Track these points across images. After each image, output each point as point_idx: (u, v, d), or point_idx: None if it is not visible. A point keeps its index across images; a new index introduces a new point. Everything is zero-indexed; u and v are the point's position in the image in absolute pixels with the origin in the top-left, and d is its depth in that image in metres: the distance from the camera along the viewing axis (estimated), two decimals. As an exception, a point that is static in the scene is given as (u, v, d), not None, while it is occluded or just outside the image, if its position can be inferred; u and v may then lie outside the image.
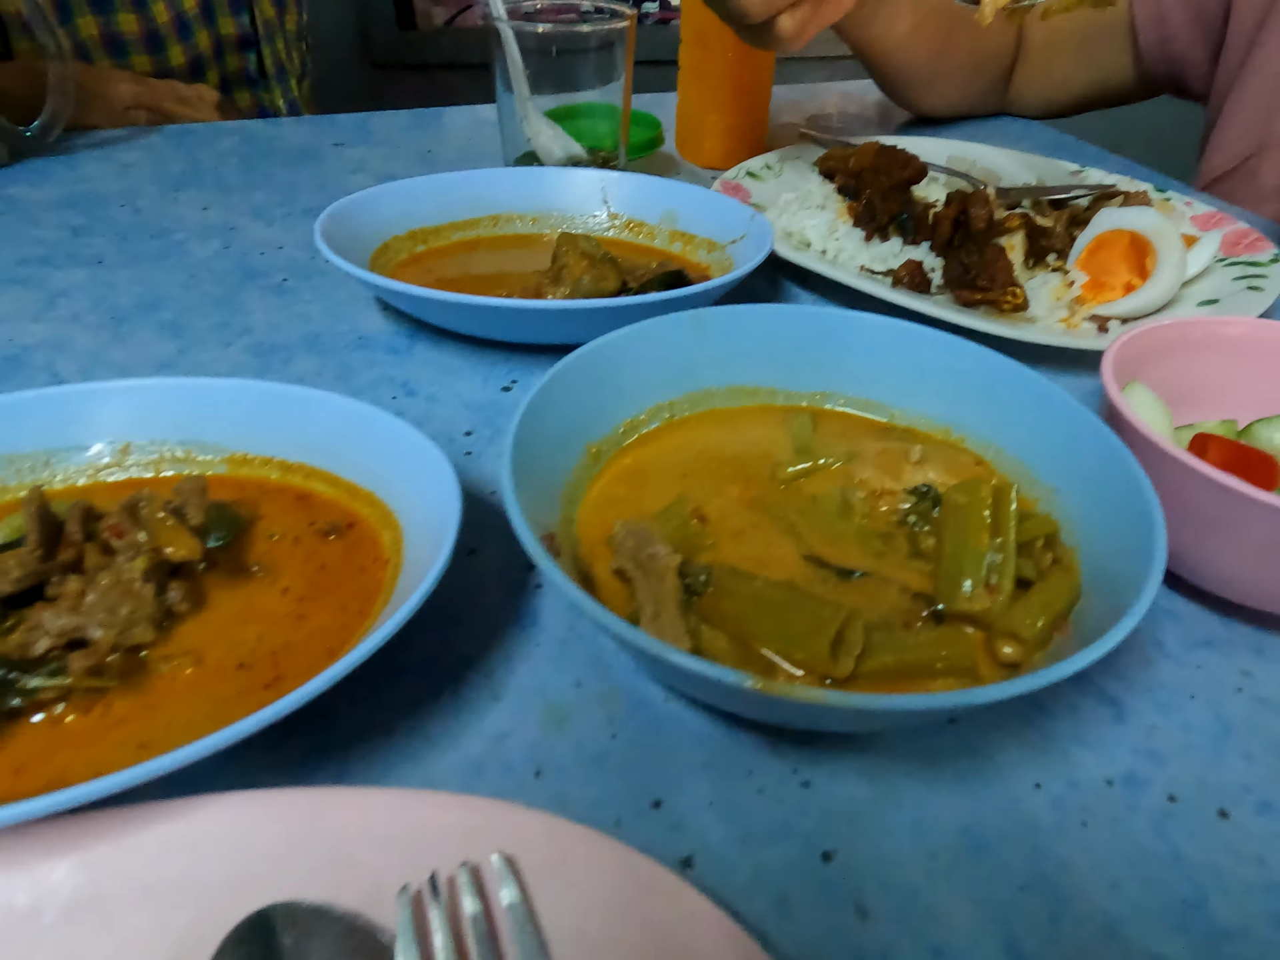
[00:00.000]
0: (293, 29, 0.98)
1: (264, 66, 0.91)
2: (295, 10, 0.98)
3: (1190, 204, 0.55)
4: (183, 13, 0.82)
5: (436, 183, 0.50)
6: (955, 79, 0.72)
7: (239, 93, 0.92)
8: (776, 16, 0.48)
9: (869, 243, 0.49)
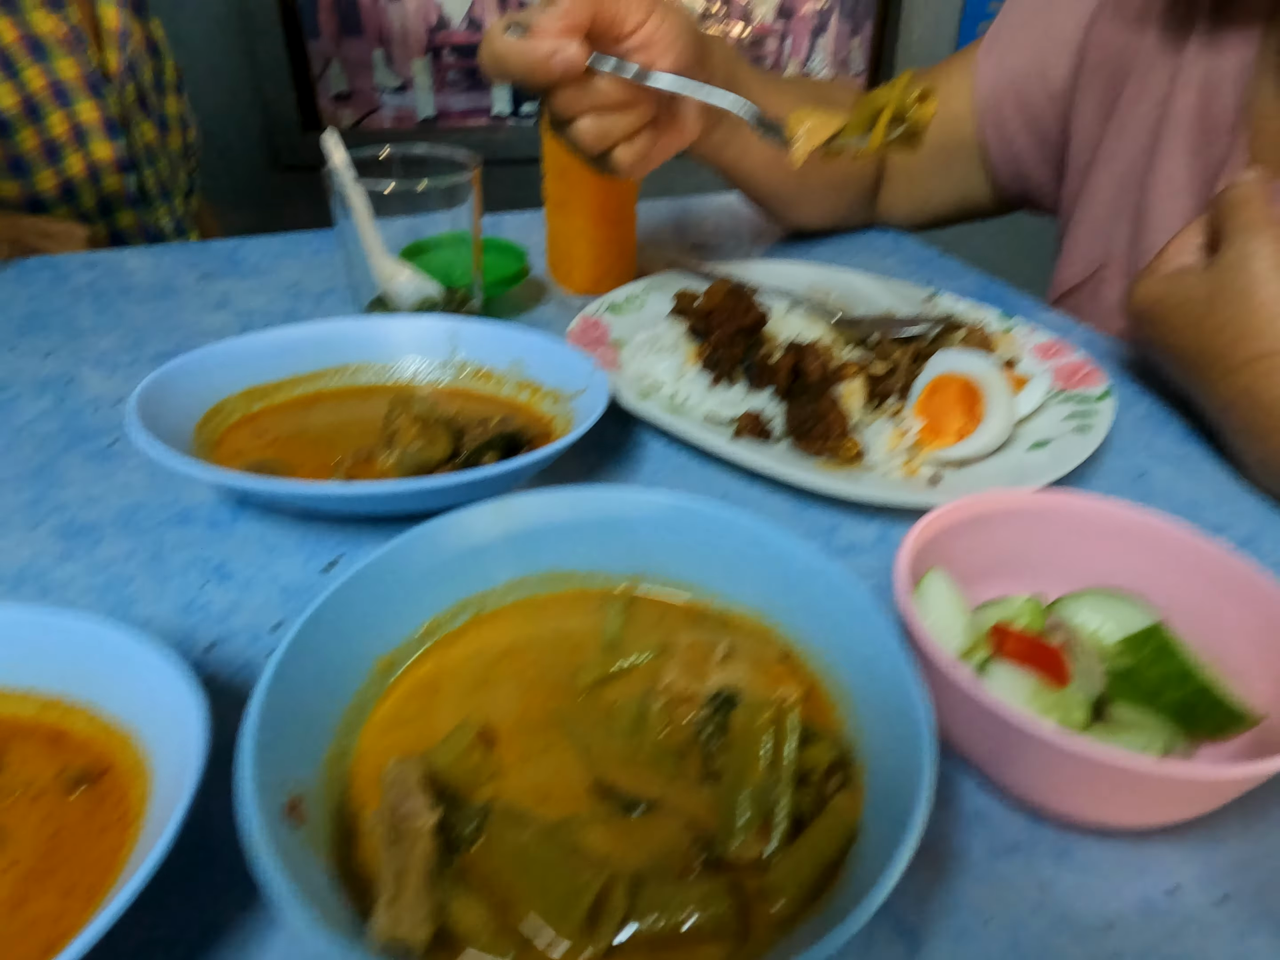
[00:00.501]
0: (177, 148, 0.97)
1: (145, 188, 0.90)
2: (180, 129, 0.98)
3: (1034, 331, 0.56)
4: (51, 139, 0.81)
5: (275, 338, 0.49)
6: (821, 199, 0.75)
7: (121, 213, 0.90)
8: (613, 148, 0.49)
9: (715, 388, 0.49)
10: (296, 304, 0.65)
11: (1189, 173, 0.58)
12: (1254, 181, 0.46)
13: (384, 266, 0.54)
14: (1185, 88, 0.58)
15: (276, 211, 1.55)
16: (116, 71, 0.86)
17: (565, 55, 0.44)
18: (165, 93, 0.96)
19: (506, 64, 0.46)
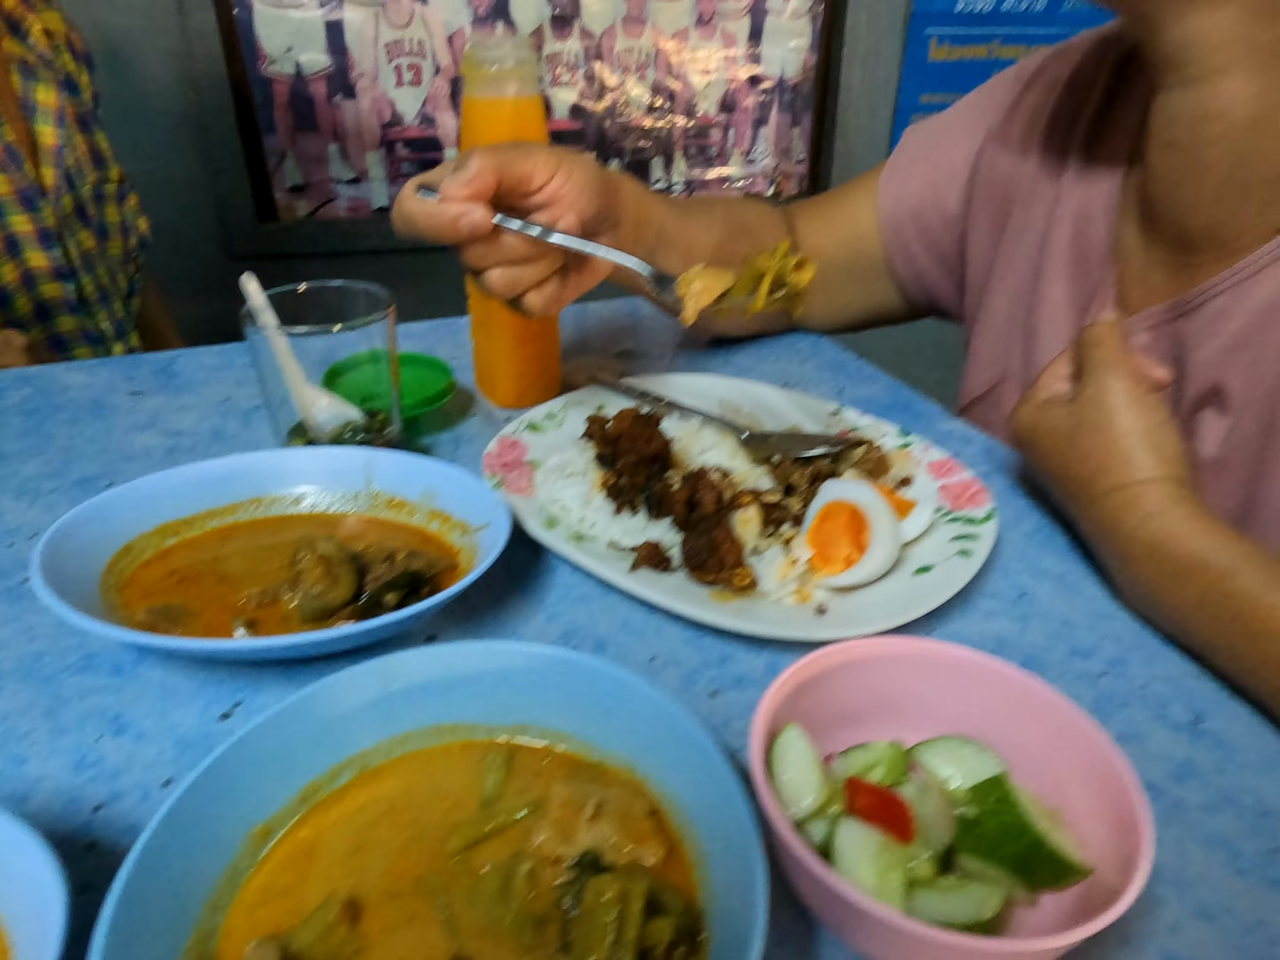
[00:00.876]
0: (117, 254, 1.00)
1: (84, 294, 0.92)
2: (120, 236, 1.00)
3: (928, 449, 0.59)
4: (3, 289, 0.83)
5: (189, 474, 0.50)
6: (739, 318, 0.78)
7: (60, 318, 0.92)
8: (524, 295, 0.52)
9: (618, 515, 0.51)
10: (224, 422, 0.66)
11: (1068, 298, 0.62)
12: (1110, 322, 0.50)
13: (304, 395, 0.56)
14: (1062, 218, 0.62)
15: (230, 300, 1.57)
16: (51, 185, 0.88)
17: (471, 219, 0.47)
18: (105, 202, 0.98)
19: (416, 225, 0.48)
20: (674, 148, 1.77)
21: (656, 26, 1.64)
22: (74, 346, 0.95)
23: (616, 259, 0.50)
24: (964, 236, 0.72)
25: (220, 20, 1.37)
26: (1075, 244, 0.61)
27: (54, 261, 0.89)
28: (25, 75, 0.88)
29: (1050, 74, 0.65)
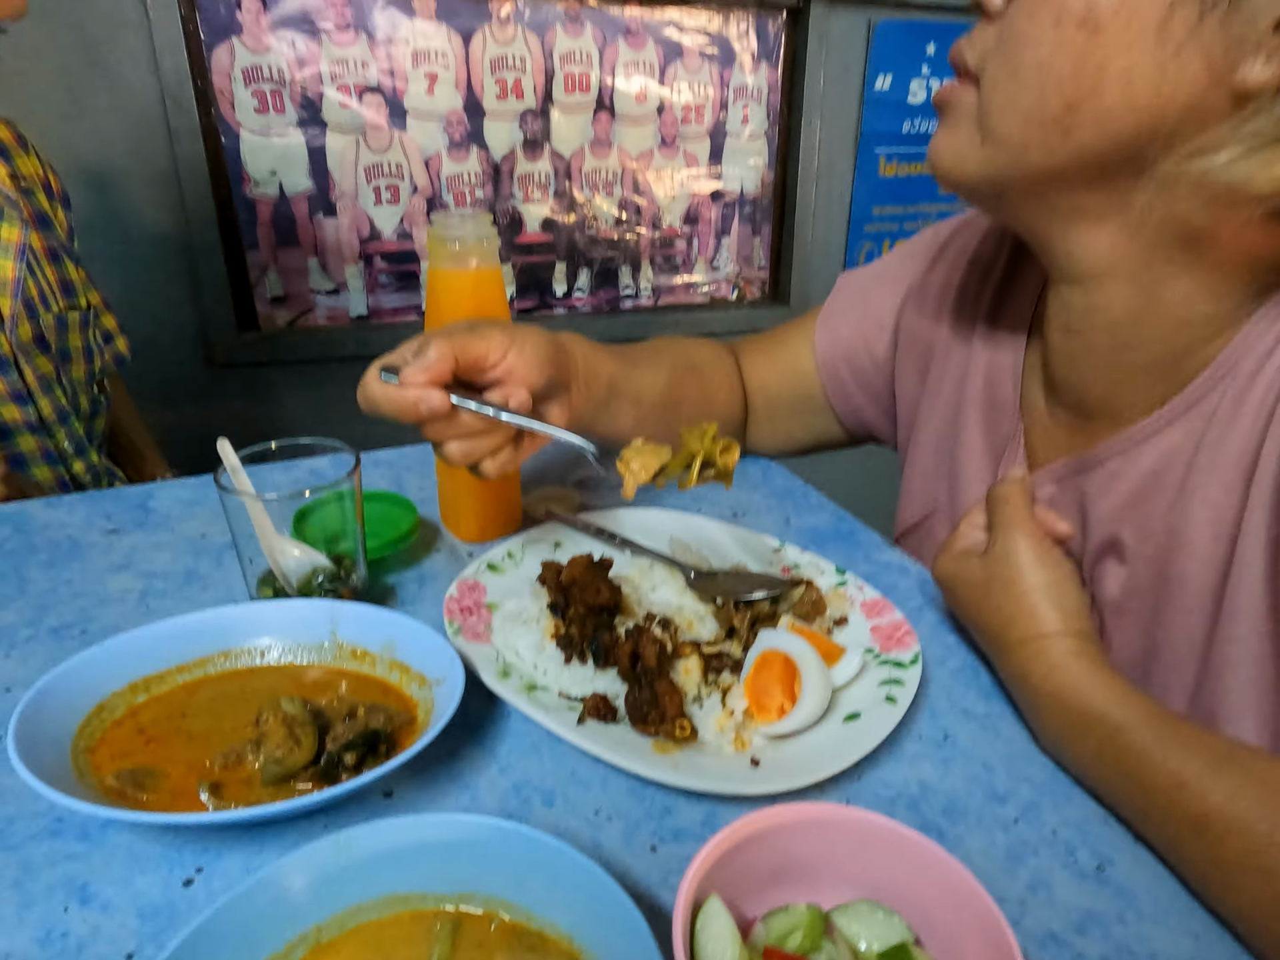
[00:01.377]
0: (80, 376, 1.04)
1: (42, 415, 0.96)
2: (84, 360, 1.04)
3: (862, 588, 0.63)
4: None
5: (160, 631, 0.53)
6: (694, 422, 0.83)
7: (20, 438, 0.95)
8: (479, 463, 0.56)
9: (569, 665, 0.55)
10: (197, 562, 0.69)
11: (984, 445, 0.67)
12: (1017, 480, 0.55)
13: (274, 546, 0.59)
14: (975, 373, 0.68)
15: (209, 407, 1.62)
16: (8, 315, 0.93)
17: (429, 404, 0.51)
18: (69, 328, 1.03)
19: (380, 407, 0.53)
20: (641, 257, 1.86)
21: (622, 148, 1.75)
22: (34, 465, 0.99)
23: (563, 438, 0.55)
24: (893, 378, 0.77)
25: (208, 148, 1.45)
26: (988, 396, 0.67)
27: (11, 386, 0.94)
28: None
29: (958, 245, 0.72)
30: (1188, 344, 0.51)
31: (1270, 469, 0.46)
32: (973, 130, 0.51)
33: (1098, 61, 0.44)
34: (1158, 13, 0.42)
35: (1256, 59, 0.41)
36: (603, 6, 1.63)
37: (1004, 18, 0.49)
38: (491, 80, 1.61)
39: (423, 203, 1.65)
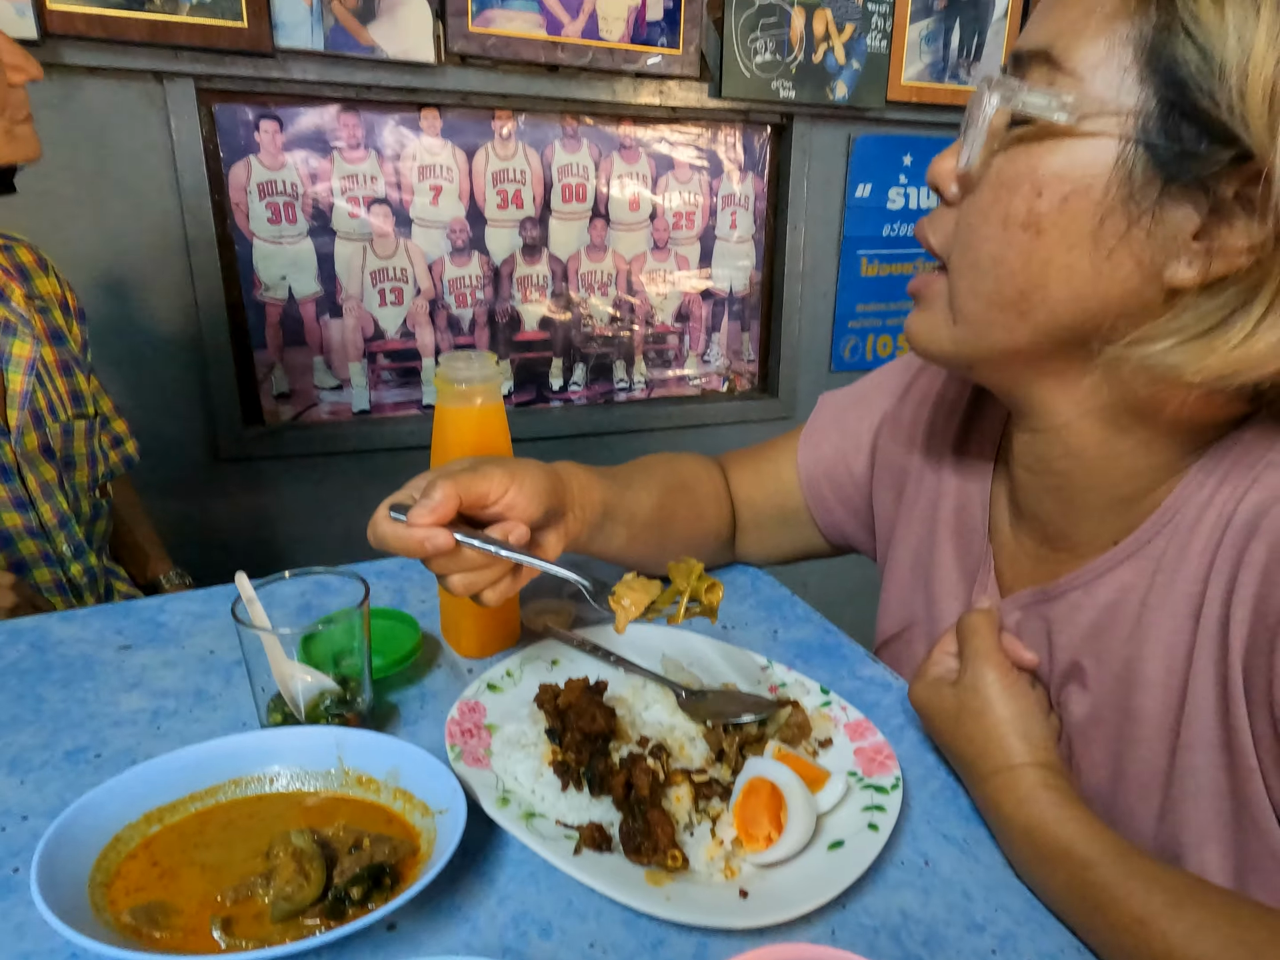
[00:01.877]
0: (84, 481, 1.08)
1: (43, 521, 0.99)
2: (88, 465, 1.08)
3: (846, 709, 0.66)
4: None
5: (172, 761, 0.56)
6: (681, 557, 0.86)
7: (21, 543, 0.98)
8: (480, 594, 0.60)
9: (565, 792, 0.57)
10: (206, 681, 0.72)
11: (957, 567, 0.71)
12: (985, 611, 0.58)
13: (284, 671, 0.62)
14: (946, 498, 0.73)
15: (214, 500, 1.66)
16: (14, 426, 0.97)
17: (435, 543, 0.55)
18: (75, 436, 1.07)
19: (388, 545, 0.57)
20: (635, 352, 1.93)
21: (617, 252, 1.84)
22: (34, 568, 1.02)
23: (560, 574, 0.59)
24: (871, 496, 0.82)
25: (222, 256, 1.52)
26: (959, 521, 0.71)
27: (13, 493, 0.97)
28: (4, 333, 0.99)
29: (924, 382, 0.77)
30: (1136, 490, 0.55)
31: (1214, 613, 0.50)
32: (946, 312, 0.56)
33: (1042, 258, 0.50)
34: (1091, 221, 0.48)
35: (1180, 262, 0.46)
36: (598, 124, 1.73)
37: (961, 207, 0.55)
38: (493, 191, 1.70)
39: (425, 304, 1.72)
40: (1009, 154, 0.51)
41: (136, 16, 1.32)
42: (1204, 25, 0.43)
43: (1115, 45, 0.46)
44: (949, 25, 1.87)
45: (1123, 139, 0.46)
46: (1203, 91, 0.43)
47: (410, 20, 1.48)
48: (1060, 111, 0.47)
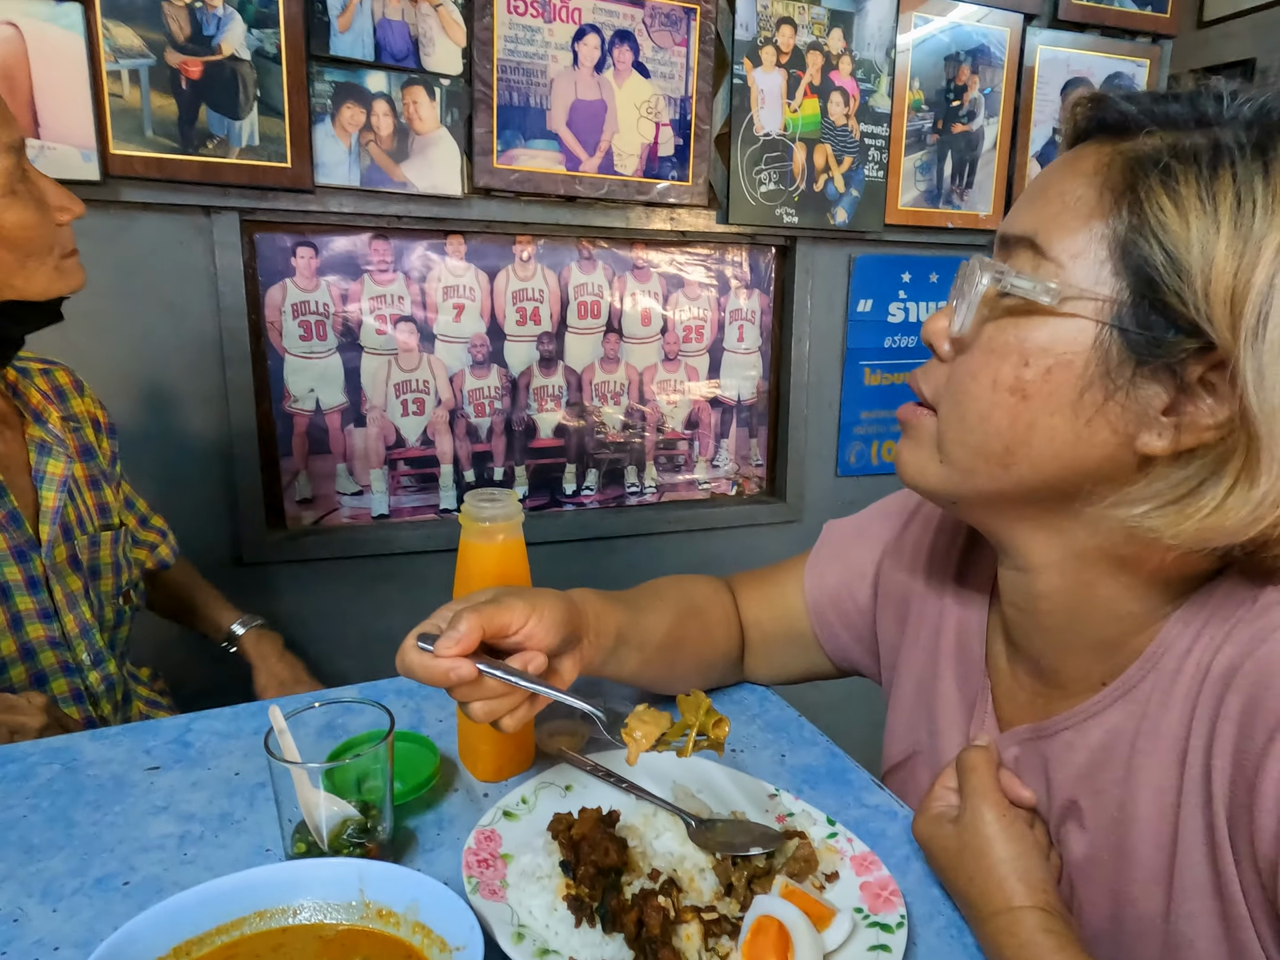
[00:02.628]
0: (108, 589, 1.12)
1: (65, 631, 1.03)
2: (113, 574, 1.12)
3: (852, 841, 0.68)
4: None
5: (200, 894, 0.58)
6: (692, 678, 0.89)
7: (42, 654, 1.01)
8: (499, 720, 0.63)
9: (579, 928, 0.59)
10: (232, 804, 0.74)
11: (958, 697, 0.74)
12: (983, 748, 0.61)
13: (309, 801, 0.65)
14: (947, 627, 0.76)
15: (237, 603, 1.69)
16: (45, 540, 1.02)
17: (459, 673, 0.59)
18: (101, 547, 1.12)
19: (415, 674, 0.61)
20: (646, 458, 1.99)
21: (629, 364, 1.92)
22: (53, 679, 1.04)
23: (575, 705, 0.62)
24: (875, 624, 0.85)
25: (255, 371, 1.60)
26: (959, 651, 0.74)
27: (40, 604, 1.01)
28: (41, 452, 1.05)
29: (929, 506, 0.82)
30: (1119, 633, 0.59)
31: (1198, 761, 0.52)
32: (933, 450, 0.61)
33: (1027, 420, 0.55)
34: (1072, 391, 0.53)
35: (1152, 433, 0.51)
36: (613, 248, 1.84)
37: (953, 365, 0.60)
38: (513, 309, 1.79)
39: (445, 413, 1.79)
40: (999, 324, 0.56)
41: (190, 159, 1.44)
42: (1171, 233, 0.49)
43: (1092, 240, 0.52)
44: (941, 155, 1.99)
45: (1099, 323, 0.52)
46: (1170, 289, 0.49)
47: (440, 158, 1.60)
48: (1044, 295, 0.53)
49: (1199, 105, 0.51)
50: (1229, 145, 0.48)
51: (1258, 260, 0.46)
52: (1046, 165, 0.58)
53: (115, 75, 1.38)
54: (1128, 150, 0.52)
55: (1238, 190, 0.47)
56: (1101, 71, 2.09)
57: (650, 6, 1.69)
